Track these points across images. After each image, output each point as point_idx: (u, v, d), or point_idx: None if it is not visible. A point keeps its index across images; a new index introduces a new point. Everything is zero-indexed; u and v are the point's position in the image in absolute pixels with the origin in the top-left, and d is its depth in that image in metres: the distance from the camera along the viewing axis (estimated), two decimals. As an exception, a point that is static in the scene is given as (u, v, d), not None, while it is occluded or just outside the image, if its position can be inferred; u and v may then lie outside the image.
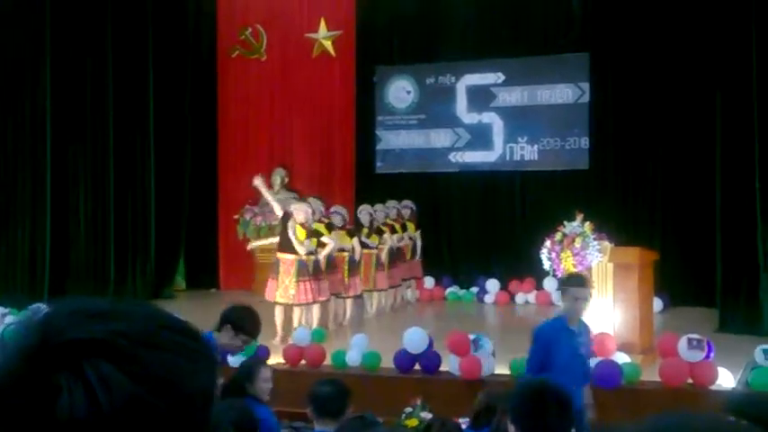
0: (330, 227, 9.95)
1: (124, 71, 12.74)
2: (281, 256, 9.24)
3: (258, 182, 9.71)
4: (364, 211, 10.94)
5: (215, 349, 4.16)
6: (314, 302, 9.26)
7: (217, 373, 0.88)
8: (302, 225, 9.17)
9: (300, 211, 9.25)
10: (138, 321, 0.83)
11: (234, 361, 6.43)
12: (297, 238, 9.09)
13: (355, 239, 10.36)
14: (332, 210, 10.41)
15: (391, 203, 11.81)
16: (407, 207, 12.05)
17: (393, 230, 11.33)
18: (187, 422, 0.82)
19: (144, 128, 12.98)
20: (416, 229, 12.04)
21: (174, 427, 0.81)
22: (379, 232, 10.90)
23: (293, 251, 9.10)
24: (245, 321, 4.35)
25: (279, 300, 9.13)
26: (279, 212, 9.41)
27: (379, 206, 11.30)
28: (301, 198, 11.19)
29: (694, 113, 11.50)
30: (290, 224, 9.18)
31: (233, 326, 4.25)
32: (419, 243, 12.09)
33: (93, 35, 12.63)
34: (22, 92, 12.44)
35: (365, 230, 10.68)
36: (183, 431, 0.82)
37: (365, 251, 10.53)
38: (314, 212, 9.69)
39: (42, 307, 0.90)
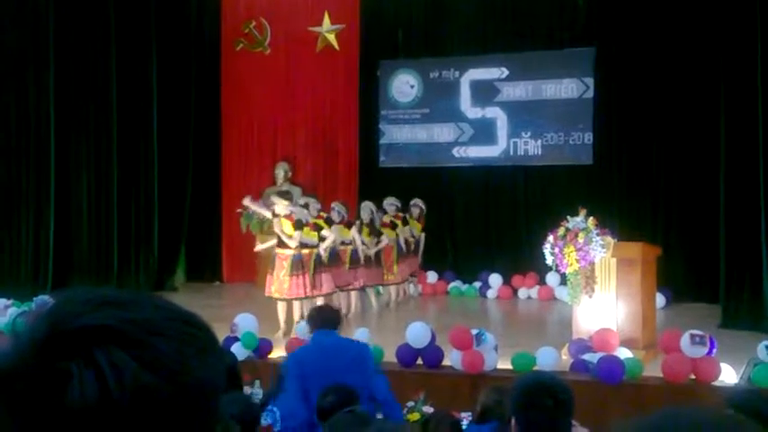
0: (329, 221, 10.00)
1: (128, 63, 12.74)
2: (278, 251, 9.28)
3: (247, 201, 10.13)
4: (366, 208, 10.94)
5: None
6: (308, 297, 9.25)
7: (224, 366, 0.89)
8: (287, 217, 9.21)
9: (281, 205, 9.30)
10: (147, 310, 0.84)
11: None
12: (284, 232, 9.14)
13: (354, 230, 10.37)
14: (331, 206, 10.43)
15: (389, 200, 11.72)
16: (416, 206, 11.96)
17: (393, 227, 11.30)
18: (194, 411, 0.83)
19: (147, 120, 12.98)
20: (422, 230, 11.94)
21: (181, 415, 0.82)
22: (378, 233, 10.89)
23: (288, 246, 9.14)
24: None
25: (274, 294, 9.16)
26: (269, 215, 9.53)
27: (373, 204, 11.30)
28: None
29: (699, 109, 11.48)
30: (275, 221, 9.24)
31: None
32: (422, 243, 11.99)
33: (97, 26, 12.62)
34: (25, 85, 12.43)
35: (365, 229, 10.68)
36: (190, 420, 0.83)
37: (362, 248, 10.55)
38: (308, 207, 9.78)
39: (47, 299, 0.91)
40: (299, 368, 4.73)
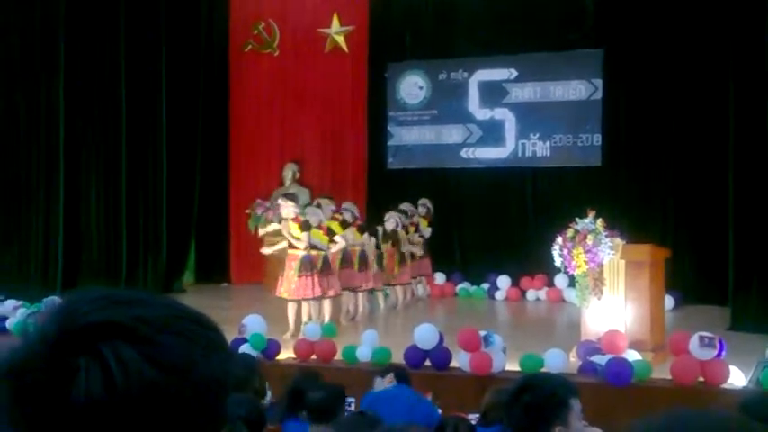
0: (344, 224, 10.03)
1: (136, 65, 12.75)
2: (289, 252, 9.30)
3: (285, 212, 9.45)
4: (392, 219, 10.95)
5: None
6: (316, 297, 9.23)
7: (231, 365, 0.90)
8: (293, 219, 9.21)
9: (287, 208, 9.28)
10: (156, 308, 0.85)
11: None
12: (292, 235, 9.14)
13: (365, 235, 10.39)
14: (342, 206, 10.43)
15: (406, 205, 11.75)
16: (424, 205, 12.00)
17: (406, 231, 11.35)
18: (200, 409, 0.84)
19: (156, 122, 12.99)
20: (428, 225, 11.97)
21: (187, 412, 0.82)
22: (395, 240, 10.92)
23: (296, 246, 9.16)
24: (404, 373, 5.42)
25: (283, 294, 9.17)
26: (278, 226, 9.45)
27: (399, 214, 11.30)
28: (312, 198, 11.24)
29: (707, 111, 11.45)
30: (283, 224, 9.26)
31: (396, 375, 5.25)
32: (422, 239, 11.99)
33: (106, 27, 12.63)
34: (35, 86, 12.44)
35: (389, 241, 10.73)
36: (196, 417, 0.83)
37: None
38: (321, 208, 9.80)
39: (56, 300, 0.92)
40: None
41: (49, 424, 0.80)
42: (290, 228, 9.16)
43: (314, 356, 7.70)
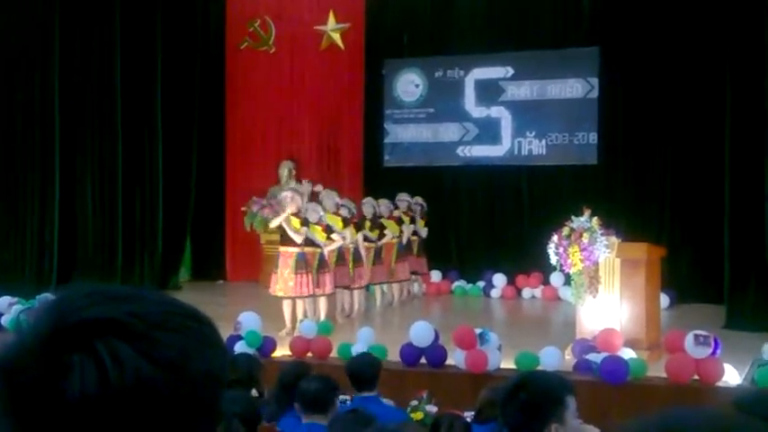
0: (345, 221, 10.02)
1: (132, 62, 12.72)
2: (282, 249, 9.29)
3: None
4: (367, 204, 10.96)
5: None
6: (310, 295, 9.23)
7: (226, 360, 0.90)
8: (295, 215, 9.19)
9: (294, 202, 9.26)
10: (149, 304, 0.85)
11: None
12: (291, 227, 9.10)
13: (360, 233, 10.39)
14: (340, 203, 10.42)
15: (402, 196, 11.76)
16: (417, 204, 12.00)
17: (400, 222, 11.32)
18: (195, 404, 0.83)
19: (152, 119, 12.97)
20: (424, 226, 11.95)
21: (181, 407, 0.82)
22: (381, 227, 10.89)
23: (293, 243, 9.13)
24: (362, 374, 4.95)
25: (278, 293, 9.16)
26: (280, 219, 9.37)
27: (383, 200, 11.28)
28: (315, 190, 11.19)
29: (704, 109, 11.46)
30: (281, 215, 9.23)
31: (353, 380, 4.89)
32: (418, 237, 11.98)
33: (102, 24, 12.61)
34: (30, 83, 12.40)
35: (367, 224, 10.69)
36: (190, 412, 0.83)
37: (366, 244, 10.55)
38: (322, 205, 9.77)
39: (50, 297, 0.92)
40: None
41: (43, 421, 0.79)
42: (290, 221, 9.15)
43: (309, 354, 7.70)
